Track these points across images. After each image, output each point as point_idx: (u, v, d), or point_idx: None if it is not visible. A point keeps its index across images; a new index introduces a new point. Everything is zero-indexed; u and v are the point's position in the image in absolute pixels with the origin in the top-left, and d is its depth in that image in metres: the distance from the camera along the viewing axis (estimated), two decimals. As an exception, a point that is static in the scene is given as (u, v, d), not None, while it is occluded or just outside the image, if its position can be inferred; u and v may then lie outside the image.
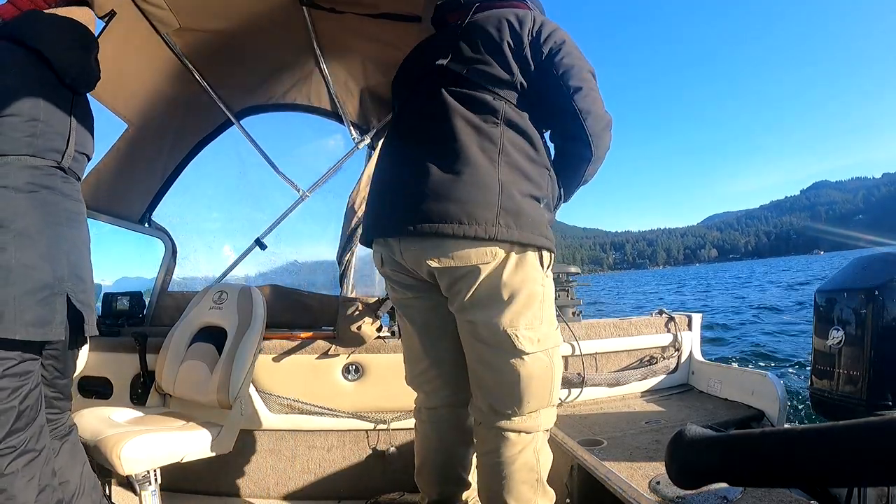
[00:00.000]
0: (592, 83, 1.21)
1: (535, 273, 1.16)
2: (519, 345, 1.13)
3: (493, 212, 1.09)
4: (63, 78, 1.24)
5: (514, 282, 1.13)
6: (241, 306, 1.82)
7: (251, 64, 2.19)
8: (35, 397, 1.15)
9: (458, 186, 1.10)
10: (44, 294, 1.11)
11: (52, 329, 1.12)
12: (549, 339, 1.18)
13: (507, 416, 1.18)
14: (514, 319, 1.13)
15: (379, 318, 1.98)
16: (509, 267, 1.13)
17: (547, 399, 1.19)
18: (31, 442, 1.13)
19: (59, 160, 1.21)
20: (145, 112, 2.16)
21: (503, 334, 1.13)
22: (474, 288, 1.14)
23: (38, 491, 1.12)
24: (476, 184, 1.10)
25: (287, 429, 2.01)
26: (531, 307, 1.15)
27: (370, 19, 1.84)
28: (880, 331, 1.43)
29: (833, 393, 1.54)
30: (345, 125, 2.26)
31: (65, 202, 1.22)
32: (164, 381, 1.83)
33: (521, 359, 1.14)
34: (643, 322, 2.29)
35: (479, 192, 1.09)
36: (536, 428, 1.20)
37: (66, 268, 1.17)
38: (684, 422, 1.67)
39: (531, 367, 1.15)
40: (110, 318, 2.24)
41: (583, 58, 1.22)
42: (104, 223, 2.25)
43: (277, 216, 2.38)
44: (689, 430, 0.87)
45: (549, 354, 1.18)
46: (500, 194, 1.10)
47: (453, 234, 1.09)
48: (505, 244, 1.11)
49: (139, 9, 1.82)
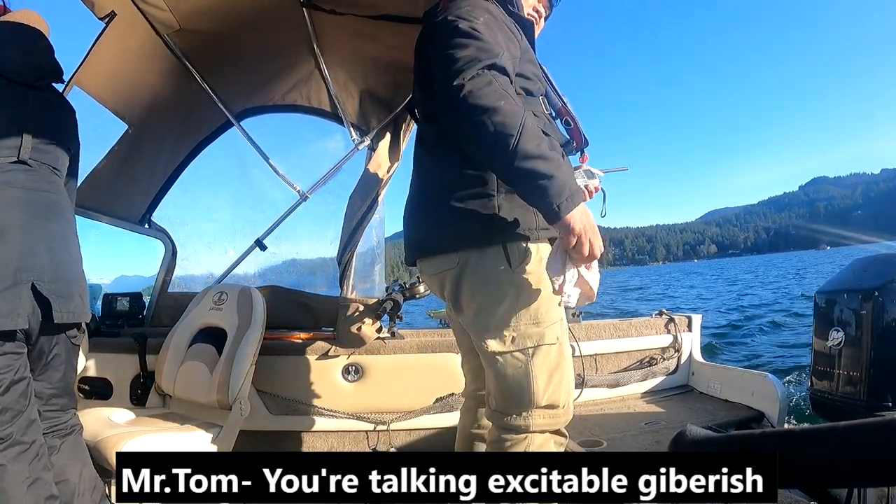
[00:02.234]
0: (449, 50, 1.04)
1: (498, 272, 1.11)
2: (485, 346, 1.13)
3: (446, 227, 1.15)
4: (7, 76, 1.29)
5: (475, 284, 1.13)
6: (240, 307, 1.82)
7: (251, 65, 2.19)
8: (20, 391, 1.17)
9: (423, 215, 1.22)
10: (3, 286, 1.14)
11: (12, 319, 1.14)
12: (527, 339, 1.11)
13: (500, 414, 1.18)
14: (485, 321, 1.13)
15: (379, 319, 1.98)
16: (468, 271, 1.13)
17: (526, 401, 1.12)
18: (19, 434, 1.14)
19: (17, 154, 1.26)
20: (145, 113, 2.16)
21: (477, 336, 1.16)
22: (449, 296, 1.19)
23: (29, 483, 1.13)
24: (429, 210, 1.20)
25: (287, 429, 2.01)
26: (499, 306, 1.11)
27: (370, 20, 1.85)
28: (880, 332, 1.43)
29: (833, 394, 1.54)
30: (345, 126, 2.26)
31: (34, 195, 1.26)
32: (164, 381, 1.83)
33: (494, 359, 1.13)
34: (643, 323, 2.29)
35: (434, 215, 1.17)
36: (526, 428, 1.15)
37: (31, 259, 1.19)
38: (684, 423, 1.67)
39: (503, 368, 1.13)
40: (110, 319, 2.24)
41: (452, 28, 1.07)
42: (104, 223, 2.25)
43: (277, 217, 2.39)
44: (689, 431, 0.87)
45: (527, 354, 1.12)
46: (447, 211, 1.13)
47: (423, 257, 1.22)
48: (461, 252, 1.14)
49: (139, 10, 1.82)
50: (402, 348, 2.00)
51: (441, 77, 1.03)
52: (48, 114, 1.37)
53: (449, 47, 1.04)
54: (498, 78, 1.00)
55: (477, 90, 0.97)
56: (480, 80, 0.98)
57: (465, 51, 1.02)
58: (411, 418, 1.98)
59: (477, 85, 0.98)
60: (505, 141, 0.95)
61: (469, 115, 0.98)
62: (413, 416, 1.98)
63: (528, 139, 0.96)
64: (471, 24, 1.05)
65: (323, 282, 2.42)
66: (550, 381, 1.13)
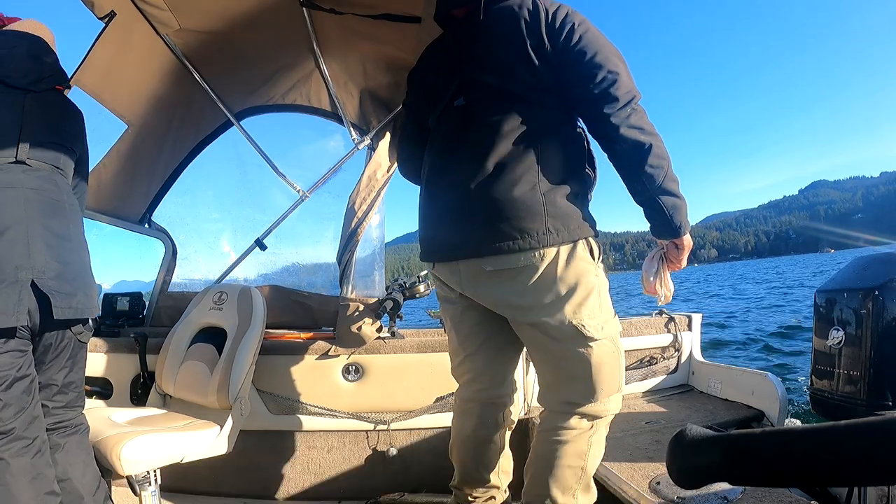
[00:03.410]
0: (613, 63, 1.14)
1: (587, 265, 1.19)
2: (588, 332, 1.17)
3: (540, 222, 1.14)
4: (3, 80, 1.31)
5: (569, 276, 1.17)
6: (240, 307, 1.82)
7: (251, 64, 2.18)
8: (23, 387, 1.18)
9: (505, 206, 1.16)
10: (3, 284, 1.15)
11: (12, 317, 1.15)
12: (611, 327, 1.21)
13: (580, 403, 1.21)
14: (577, 311, 1.17)
15: (379, 319, 1.98)
16: (561, 264, 1.16)
17: (617, 383, 1.22)
18: (22, 430, 1.15)
19: (15, 153, 1.27)
20: (145, 112, 2.16)
21: (570, 326, 1.17)
22: (532, 291, 1.18)
23: (30, 478, 1.14)
24: (520, 200, 1.15)
25: (287, 429, 2.01)
26: (590, 297, 1.18)
27: (370, 20, 1.84)
28: (880, 331, 1.43)
29: (833, 393, 1.54)
30: (345, 126, 2.26)
31: (33, 194, 1.27)
32: (164, 381, 1.83)
33: (590, 347, 1.17)
34: (643, 322, 2.29)
35: (524, 208, 1.15)
36: (605, 412, 1.23)
37: (28, 256, 1.20)
38: (684, 422, 1.67)
39: (600, 353, 1.18)
40: (110, 319, 2.24)
41: (601, 39, 1.17)
42: (104, 223, 2.25)
43: (277, 217, 2.39)
44: (689, 431, 0.87)
45: (614, 340, 1.22)
46: (543, 204, 1.15)
47: (508, 250, 1.16)
48: (551, 247, 1.16)
49: (139, 9, 1.82)
50: (402, 348, 2.00)
51: (603, 88, 1.12)
52: (47, 115, 1.38)
53: (608, 54, 1.14)
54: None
55: (644, 113, 1.14)
56: (642, 111, 1.14)
57: (626, 69, 1.15)
58: (411, 418, 1.98)
59: (642, 108, 1.14)
60: (665, 164, 1.13)
61: (640, 132, 1.12)
62: (413, 415, 1.98)
63: (673, 174, 1.14)
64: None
65: (323, 281, 2.42)
66: (624, 366, 1.26)
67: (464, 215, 1.22)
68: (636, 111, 1.13)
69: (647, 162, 1.12)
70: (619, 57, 1.17)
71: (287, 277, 2.44)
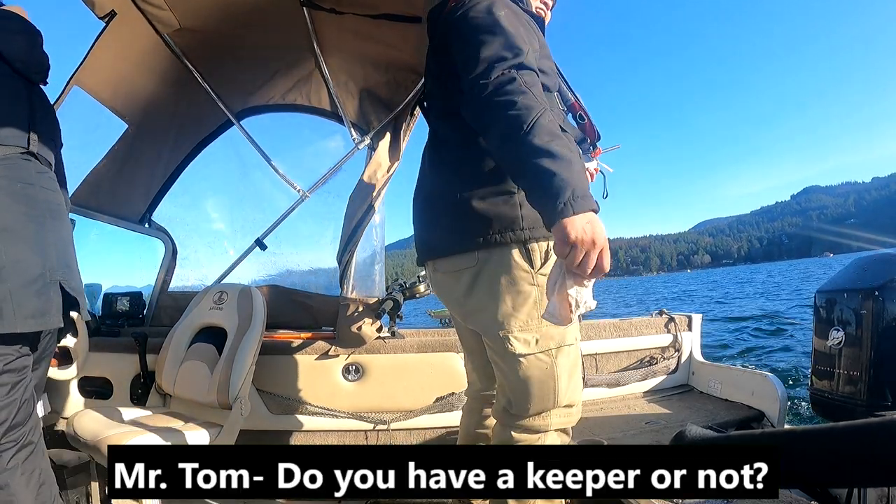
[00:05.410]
0: (476, 47, 1.03)
1: (521, 272, 1.11)
2: (511, 348, 1.11)
3: (465, 224, 1.13)
4: (12, 63, 1.25)
5: (500, 284, 1.12)
6: (241, 306, 1.82)
7: (251, 64, 2.19)
8: (31, 391, 1.17)
9: (437, 214, 1.22)
10: (38, 285, 1.12)
11: (51, 318, 1.14)
12: (550, 339, 1.12)
13: (517, 415, 1.18)
14: (506, 322, 1.11)
15: (379, 319, 1.98)
16: (492, 271, 1.12)
17: (550, 401, 1.14)
18: (29, 435, 1.14)
19: (27, 145, 1.22)
20: (145, 112, 2.16)
21: (498, 338, 1.13)
22: (463, 296, 1.17)
23: (39, 485, 1.13)
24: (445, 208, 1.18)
25: (287, 429, 2.01)
26: (523, 307, 1.11)
27: (370, 20, 1.84)
28: (880, 331, 1.43)
29: (833, 393, 1.54)
30: (345, 126, 2.26)
31: (43, 194, 1.24)
32: (165, 381, 1.83)
33: (517, 361, 1.12)
34: (643, 322, 2.29)
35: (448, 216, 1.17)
36: (545, 428, 1.17)
37: (55, 257, 1.19)
38: (684, 422, 1.68)
39: (528, 369, 1.12)
40: (110, 319, 2.24)
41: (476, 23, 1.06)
42: (104, 223, 2.25)
43: (278, 216, 2.39)
44: (689, 431, 0.87)
45: (551, 355, 1.12)
46: (466, 208, 1.13)
47: (450, 253, 1.18)
48: (481, 251, 1.12)
49: (139, 9, 1.82)
50: (403, 348, 2.00)
51: (467, 74, 1.02)
52: (44, 110, 1.36)
53: (475, 43, 1.04)
54: (523, 76, 0.98)
55: (501, 88, 0.96)
56: (505, 77, 0.97)
57: (492, 48, 1.02)
58: (411, 418, 1.98)
59: (501, 82, 0.97)
60: (515, 133, 0.91)
61: (488, 109, 0.97)
62: (413, 415, 1.98)
63: (539, 134, 0.90)
64: (494, 17, 1.05)
65: (323, 281, 2.42)
66: (570, 381, 1.16)
67: (424, 218, 1.28)
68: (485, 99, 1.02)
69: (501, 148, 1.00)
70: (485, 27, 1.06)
71: (287, 277, 2.44)
